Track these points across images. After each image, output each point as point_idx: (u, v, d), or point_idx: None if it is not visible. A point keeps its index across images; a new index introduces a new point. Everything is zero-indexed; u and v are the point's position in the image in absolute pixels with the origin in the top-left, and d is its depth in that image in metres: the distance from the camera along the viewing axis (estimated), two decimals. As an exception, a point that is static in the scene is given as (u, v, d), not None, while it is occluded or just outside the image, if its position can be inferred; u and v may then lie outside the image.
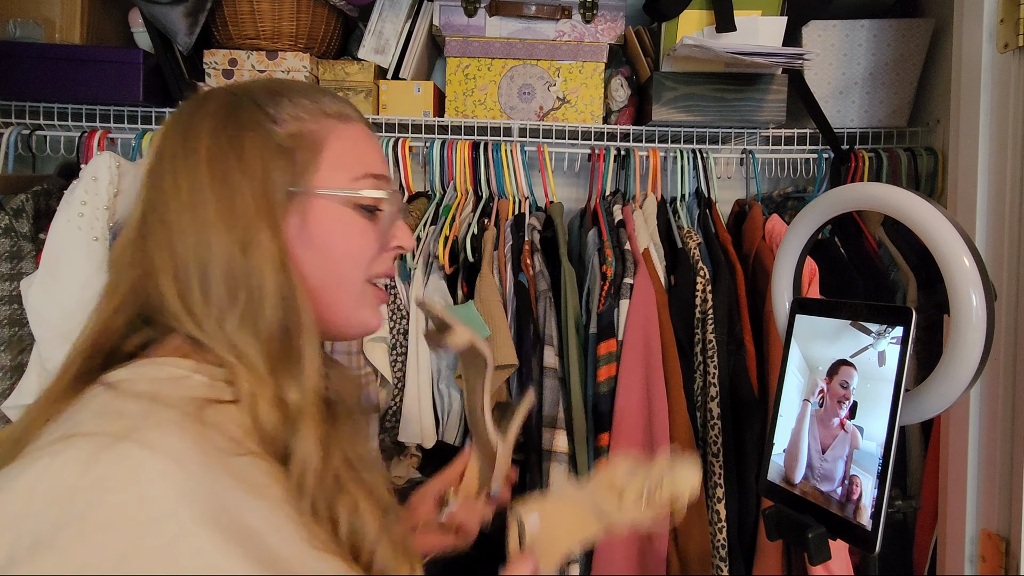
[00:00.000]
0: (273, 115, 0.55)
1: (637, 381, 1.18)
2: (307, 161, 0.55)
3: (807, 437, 0.68)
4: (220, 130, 0.53)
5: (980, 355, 0.62)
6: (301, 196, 0.54)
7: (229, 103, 0.55)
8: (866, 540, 0.59)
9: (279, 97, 0.56)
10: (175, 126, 0.55)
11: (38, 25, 1.33)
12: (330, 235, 0.56)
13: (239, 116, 0.54)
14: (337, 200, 0.56)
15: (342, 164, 0.57)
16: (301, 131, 0.56)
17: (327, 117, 0.57)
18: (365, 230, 0.57)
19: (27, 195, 1.19)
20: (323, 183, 0.55)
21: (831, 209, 0.77)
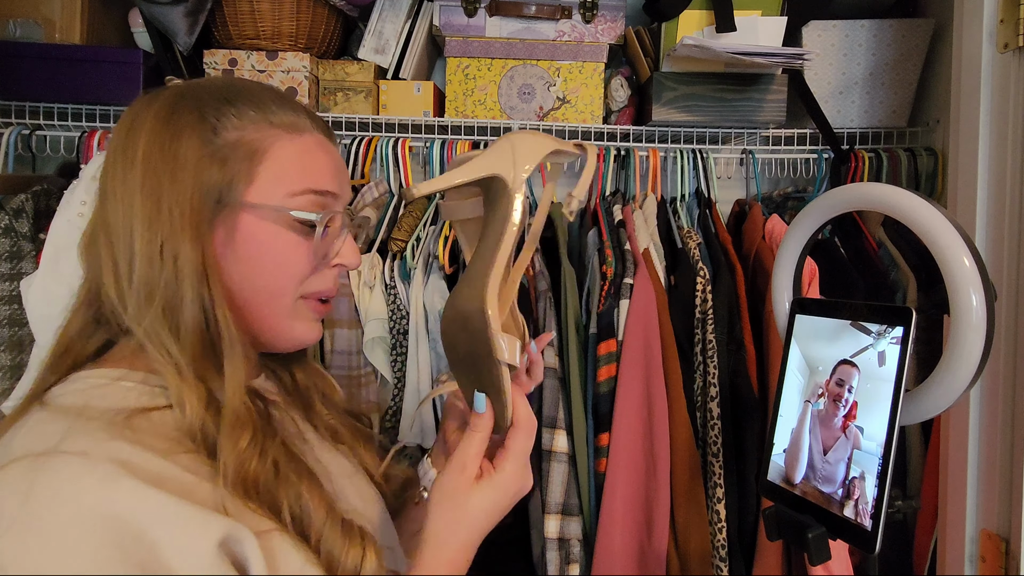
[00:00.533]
0: (214, 122, 0.54)
1: (637, 381, 1.18)
2: (241, 172, 0.54)
3: (808, 438, 0.68)
4: (158, 132, 0.53)
5: (980, 355, 0.61)
6: (231, 207, 0.53)
7: (173, 105, 0.54)
8: (866, 540, 0.59)
9: (224, 104, 0.55)
10: (122, 123, 0.55)
11: (38, 25, 1.33)
12: (259, 249, 0.54)
13: (179, 120, 0.53)
14: (269, 214, 0.54)
15: (280, 177, 0.55)
16: (240, 140, 0.54)
17: (272, 127, 0.56)
18: (298, 246, 0.56)
19: (27, 195, 1.19)
20: (256, 196, 0.54)
21: (831, 209, 0.77)
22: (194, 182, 0.52)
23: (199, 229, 0.52)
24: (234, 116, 0.55)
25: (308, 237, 0.56)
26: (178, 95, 0.55)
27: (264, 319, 0.57)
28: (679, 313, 1.23)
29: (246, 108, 0.55)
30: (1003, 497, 0.91)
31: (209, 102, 0.55)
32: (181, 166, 0.52)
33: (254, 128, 0.55)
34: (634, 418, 1.17)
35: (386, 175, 1.42)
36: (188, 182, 0.52)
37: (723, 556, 1.15)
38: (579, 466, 1.19)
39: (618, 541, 1.15)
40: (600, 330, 1.21)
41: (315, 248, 0.56)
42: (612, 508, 1.15)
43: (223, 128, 0.54)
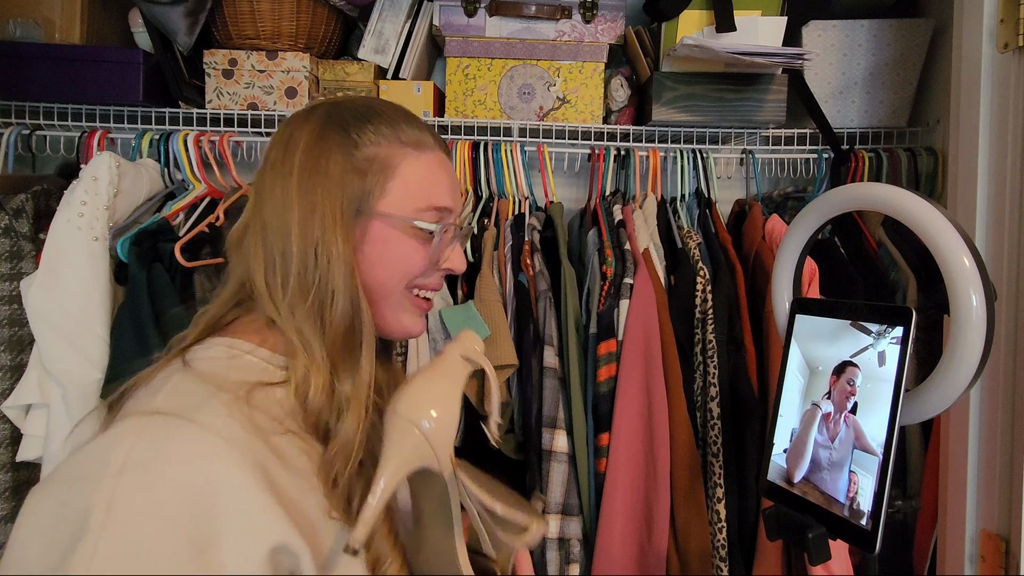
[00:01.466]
0: (355, 139, 0.62)
1: (637, 381, 1.18)
2: (375, 185, 0.62)
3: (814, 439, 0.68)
4: (312, 147, 0.62)
5: (980, 355, 0.61)
6: (367, 215, 0.62)
7: (324, 123, 0.63)
8: (866, 540, 0.59)
9: (364, 121, 0.63)
10: (282, 134, 0.64)
11: (38, 25, 1.33)
12: (384, 251, 0.63)
13: (329, 137, 0.62)
14: (397, 223, 0.63)
15: (409, 192, 0.63)
16: (376, 156, 0.63)
17: (402, 145, 0.64)
18: (416, 251, 0.64)
19: (27, 195, 1.19)
20: (388, 207, 0.63)
21: (831, 209, 0.77)
22: (341, 192, 0.61)
23: (347, 233, 0.60)
24: (371, 133, 0.63)
25: (426, 243, 0.65)
26: (327, 114, 0.64)
27: (385, 310, 0.65)
28: (679, 313, 1.23)
29: (382, 126, 0.64)
30: (1003, 497, 0.91)
31: (352, 120, 0.63)
32: (331, 177, 0.61)
33: (387, 145, 0.63)
34: (634, 418, 1.17)
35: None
36: (337, 192, 0.60)
37: (723, 556, 1.15)
38: (579, 466, 1.19)
39: (618, 541, 1.15)
40: (600, 330, 1.21)
41: (431, 254, 0.65)
42: (612, 508, 1.15)
43: (363, 144, 0.62)
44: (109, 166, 1.18)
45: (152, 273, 1.16)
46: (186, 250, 1.20)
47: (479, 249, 1.31)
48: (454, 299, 1.29)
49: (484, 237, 1.32)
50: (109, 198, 1.18)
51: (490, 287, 1.24)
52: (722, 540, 1.16)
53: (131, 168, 1.26)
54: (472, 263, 1.30)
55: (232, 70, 1.36)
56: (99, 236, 1.15)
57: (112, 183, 1.19)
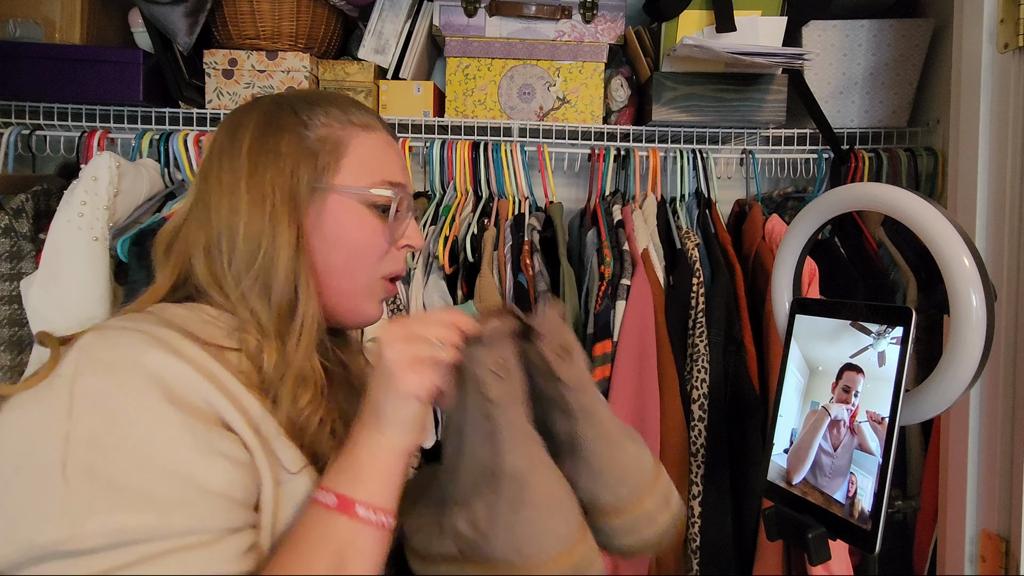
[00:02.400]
0: (306, 120, 0.64)
1: (630, 383, 1.18)
2: (329, 162, 0.63)
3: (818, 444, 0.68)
4: (262, 130, 0.63)
5: (980, 355, 0.62)
6: (321, 192, 0.63)
7: (273, 108, 0.65)
8: (866, 540, 0.59)
9: (314, 106, 0.65)
10: (226, 124, 0.65)
11: (38, 25, 1.33)
12: (343, 228, 0.64)
13: (279, 119, 0.63)
14: (352, 198, 0.64)
15: (360, 168, 0.65)
16: (328, 136, 0.64)
17: (352, 126, 0.66)
18: (375, 227, 0.65)
19: (27, 195, 1.19)
20: (341, 182, 0.64)
21: (831, 209, 0.77)
22: (292, 172, 0.62)
23: (296, 212, 0.61)
24: (322, 115, 0.64)
25: (382, 219, 0.65)
26: (274, 102, 0.66)
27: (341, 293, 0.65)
28: (676, 314, 1.23)
29: (331, 108, 0.66)
30: (1003, 497, 0.91)
31: (302, 105, 0.65)
32: (282, 158, 0.62)
33: (339, 126, 0.65)
34: (626, 420, 1.17)
35: (386, 175, 1.42)
36: (287, 172, 0.61)
37: (694, 549, 1.16)
38: (579, 466, 1.19)
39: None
40: (596, 331, 1.21)
41: (389, 228, 0.65)
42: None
43: (313, 126, 0.64)
44: (109, 166, 1.18)
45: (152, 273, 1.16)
46: (186, 250, 1.20)
47: (479, 249, 1.31)
48: (454, 299, 1.29)
49: (484, 237, 1.32)
50: (109, 198, 1.18)
51: (490, 287, 1.24)
52: (694, 534, 1.16)
53: (131, 168, 1.26)
54: (472, 263, 1.30)
55: (232, 70, 1.36)
56: (99, 236, 1.15)
57: (112, 183, 1.19)
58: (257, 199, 0.60)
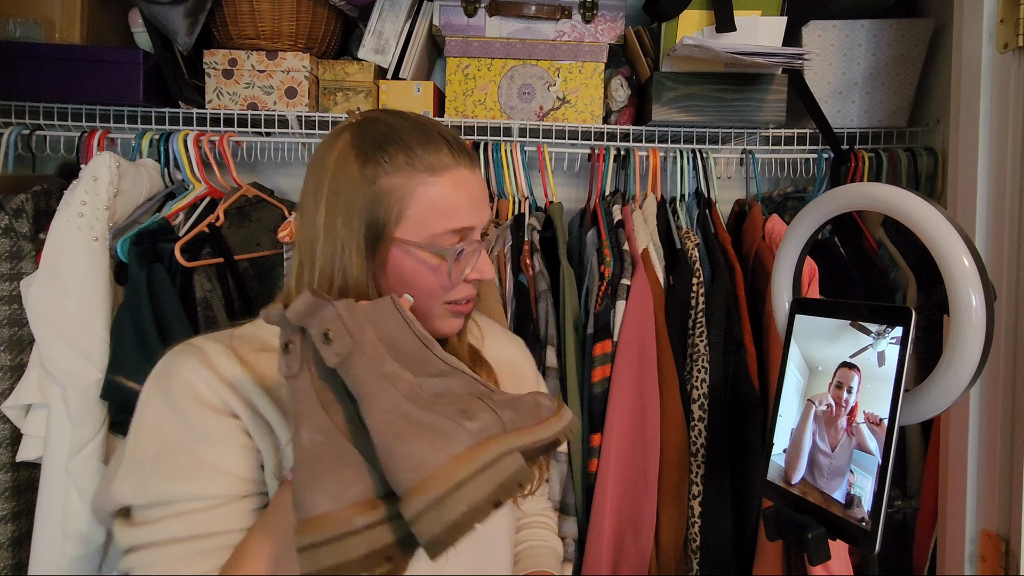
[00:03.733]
0: (374, 171, 0.67)
1: (630, 383, 1.18)
2: (392, 214, 0.67)
3: (810, 438, 0.68)
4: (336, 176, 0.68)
5: (980, 355, 0.62)
6: (385, 241, 0.67)
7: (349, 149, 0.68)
8: (866, 540, 0.59)
9: (383, 152, 0.68)
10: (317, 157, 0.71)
11: (38, 25, 1.33)
12: (404, 274, 0.69)
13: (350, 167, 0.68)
14: (412, 249, 0.68)
15: (422, 219, 0.68)
16: (393, 187, 0.67)
17: (418, 172, 0.68)
18: (436, 271, 0.69)
19: (27, 195, 1.19)
20: (403, 234, 0.68)
21: (831, 209, 0.77)
22: (359, 222, 0.67)
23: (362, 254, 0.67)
24: (387, 163, 0.67)
25: (442, 265, 0.69)
26: (352, 141, 0.69)
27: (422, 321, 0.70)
28: (676, 314, 1.23)
29: (398, 155, 0.68)
30: (1003, 497, 0.91)
31: (371, 150, 0.68)
32: (350, 209, 0.67)
33: (403, 175, 0.67)
34: (625, 420, 1.17)
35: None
36: (356, 224, 0.67)
37: (694, 549, 1.16)
38: (573, 466, 1.19)
39: (607, 542, 1.15)
40: (596, 331, 1.21)
41: (450, 273, 0.69)
42: (602, 508, 1.15)
43: (379, 176, 0.67)
44: (109, 166, 1.18)
45: (152, 273, 1.16)
46: (186, 250, 1.20)
47: (479, 249, 1.31)
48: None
49: (484, 237, 1.32)
50: (109, 198, 1.18)
51: (490, 287, 1.24)
52: (694, 534, 1.16)
53: (131, 168, 1.26)
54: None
55: (232, 70, 1.36)
56: (99, 236, 1.15)
57: (112, 183, 1.19)
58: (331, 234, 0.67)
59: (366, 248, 0.67)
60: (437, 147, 0.69)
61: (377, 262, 0.69)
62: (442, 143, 0.70)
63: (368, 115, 0.73)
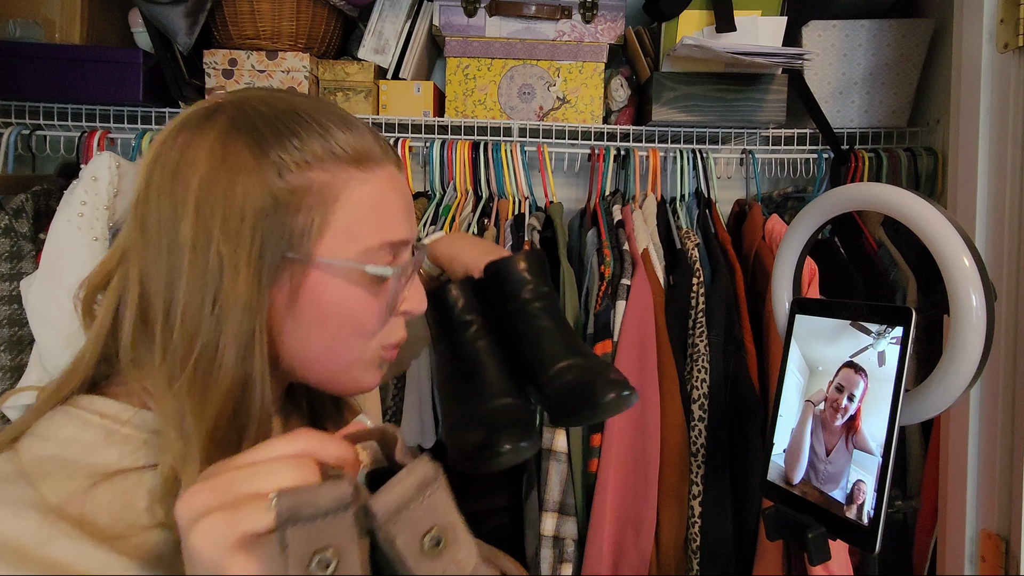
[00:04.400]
0: (277, 160, 0.47)
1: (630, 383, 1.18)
2: (312, 223, 0.47)
3: (809, 438, 0.68)
4: (213, 174, 0.46)
5: (980, 355, 0.61)
6: (299, 263, 0.48)
7: (232, 132, 0.47)
8: (866, 540, 0.59)
9: (288, 135, 0.48)
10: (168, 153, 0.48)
11: (38, 25, 1.33)
12: (326, 310, 0.49)
13: (236, 159, 0.46)
14: (339, 271, 0.49)
15: (355, 230, 0.49)
16: (309, 185, 0.47)
17: (341, 163, 0.49)
18: (367, 303, 0.51)
19: (27, 195, 1.19)
20: (328, 251, 0.48)
21: (831, 209, 0.77)
22: (255, 236, 0.46)
23: (258, 289, 0.46)
24: (297, 150, 0.47)
25: (377, 289, 0.51)
26: (233, 122, 0.48)
27: (333, 374, 0.53)
28: (676, 314, 1.23)
29: (311, 138, 0.48)
30: (1003, 497, 0.91)
31: (269, 133, 0.47)
32: (240, 217, 0.45)
33: (322, 167, 0.48)
34: (626, 420, 1.17)
35: (386, 175, 1.42)
36: (247, 236, 0.45)
37: (694, 549, 1.16)
38: (573, 466, 1.19)
39: (607, 543, 1.15)
40: (596, 331, 1.21)
41: (388, 303, 0.52)
42: (602, 509, 1.15)
43: (287, 167, 0.47)
44: (109, 166, 1.18)
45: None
46: (186, 250, 1.20)
47: (479, 249, 1.31)
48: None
49: (484, 237, 1.32)
50: (109, 198, 1.18)
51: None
52: (695, 534, 1.16)
53: (131, 168, 1.26)
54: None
55: (232, 70, 1.36)
56: (99, 236, 1.15)
57: (112, 183, 1.19)
58: (203, 268, 0.45)
59: (262, 282, 0.46)
60: (360, 130, 0.51)
61: (276, 301, 0.48)
62: (364, 129, 0.52)
63: (245, 92, 0.51)
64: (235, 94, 0.51)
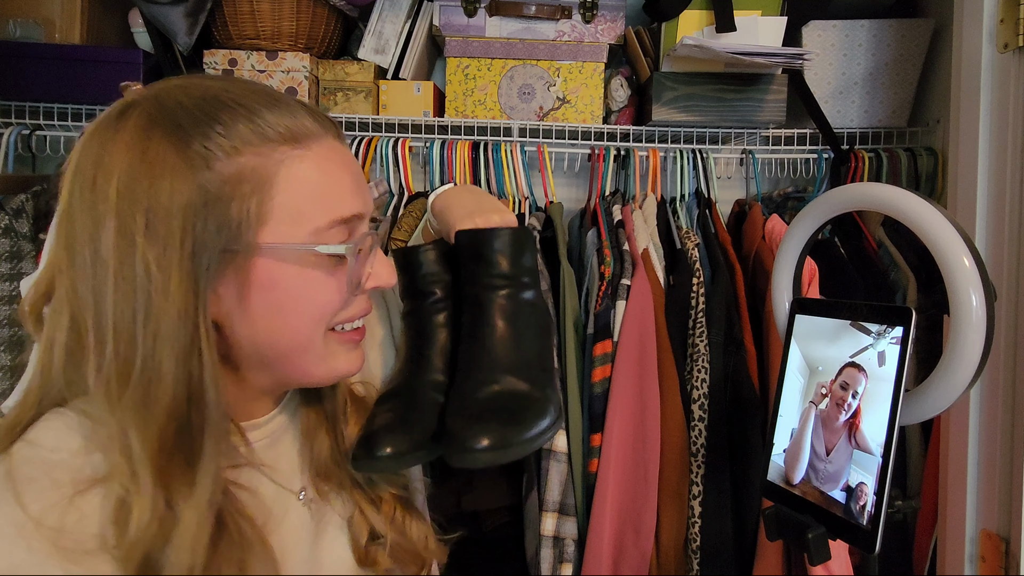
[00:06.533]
0: (202, 150, 0.44)
1: (630, 383, 1.18)
2: (250, 211, 0.45)
3: (809, 438, 0.68)
4: (133, 171, 0.43)
5: (980, 355, 0.61)
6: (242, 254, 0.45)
7: (146, 132, 0.44)
8: (866, 540, 0.59)
9: (211, 123, 0.44)
10: (85, 155, 0.45)
11: (38, 25, 1.33)
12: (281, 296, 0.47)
13: (157, 152, 0.43)
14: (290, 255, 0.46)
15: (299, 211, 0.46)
16: (241, 172, 0.44)
17: (273, 144, 0.46)
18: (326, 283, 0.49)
19: (27, 195, 1.19)
20: (272, 236, 0.46)
21: (831, 209, 0.77)
22: (185, 235, 0.43)
23: (194, 292, 0.43)
24: (223, 137, 0.44)
25: (337, 268, 0.49)
26: (149, 117, 0.44)
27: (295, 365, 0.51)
28: (676, 314, 1.23)
29: (237, 123, 0.45)
30: (1003, 497, 0.91)
31: (190, 124, 0.44)
32: (167, 218, 0.42)
33: (253, 151, 0.45)
34: (626, 420, 1.17)
35: (386, 175, 1.42)
36: (176, 237, 0.42)
37: (694, 550, 1.16)
38: (573, 466, 1.19)
39: (607, 543, 1.15)
40: (596, 331, 1.21)
41: (349, 281, 0.50)
42: (602, 509, 1.15)
43: (214, 156, 0.44)
44: (109, 166, 1.18)
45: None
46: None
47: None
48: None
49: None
50: (109, 198, 1.18)
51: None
52: (695, 534, 1.16)
53: (131, 168, 1.26)
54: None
55: (232, 70, 1.36)
56: (99, 236, 1.15)
57: (112, 183, 1.19)
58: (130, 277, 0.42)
59: (198, 283, 0.43)
60: (292, 108, 0.48)
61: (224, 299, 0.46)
62: (295, 104, 0.48)
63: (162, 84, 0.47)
64: (151, 87, 0.47)
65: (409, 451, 0.54)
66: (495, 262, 0.58)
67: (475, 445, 0.49)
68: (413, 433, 0.55)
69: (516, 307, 0.59)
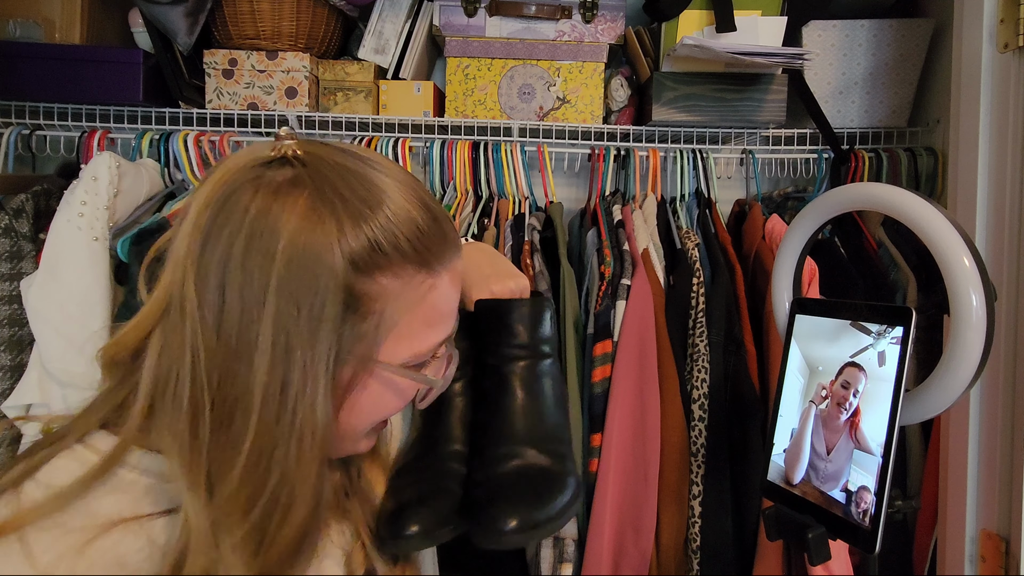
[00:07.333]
0: (370, 262, 0.43)
1: (630, 383, 1.18)
2: (378, 329, 0.45)
3: (810, 439, 0.68)
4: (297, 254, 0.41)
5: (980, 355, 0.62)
6: (355, 368, 0.46)
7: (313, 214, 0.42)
8: (866, 540, 0.59)
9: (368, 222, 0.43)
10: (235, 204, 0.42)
11: (38, 25, 1.33)
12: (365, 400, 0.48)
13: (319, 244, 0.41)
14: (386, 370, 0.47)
15: (412, 334, 0.47)
16: (384, 291, 0.44)
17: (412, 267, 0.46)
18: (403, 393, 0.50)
19: (27, 195, 1.19)
20: (385, 355, 0.46)
21: (831, 209, 0.77)
22: (331, 342, 0.43)
23: (334, 407, 0.44)
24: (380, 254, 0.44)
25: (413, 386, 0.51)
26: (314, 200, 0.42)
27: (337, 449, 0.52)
28: (676, 314, 1.23)
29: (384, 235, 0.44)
30: (1003, 497, 0.91)
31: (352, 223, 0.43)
32: (320, 318, 0.42)
33: (393, 273, 0.45)
34: (626, 420, 1.17)
35: (386, 175, 1.42)
36: (325, 343, 0.42)
37: (694, 549, 1.16)
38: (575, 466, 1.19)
39: (607, 543, 1.15)
40: (596, 331, 1.21)
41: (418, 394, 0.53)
42: (602, 509, 1.15)
43: (365, 265, 0.43)
44: (109, 166, 1.18)
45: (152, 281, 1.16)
46: (186, 250, 1.19)
47: (479, 249, 1.31)
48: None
49: (484, 237, 1.32)
50: (109, 198, 1.18)
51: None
52: (695, 534, 1.16)
53: (131, 168, 1.26)
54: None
55: (232, 70, 1.36)
56: (99, 236, 1.15)
57: (112, 183, 1.19)
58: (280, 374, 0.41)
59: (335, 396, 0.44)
60: (441, 228, 0.47)
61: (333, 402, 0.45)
62: (442, 216, 0.48)
63: (319, 155, 0.45)
64: (309, 154, 0.45)
65: (435, 527, 0.54)
66: (516, 332, 0.59)
67: (504, 527, 0.50)
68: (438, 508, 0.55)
69: (536, 378, 0.60)
